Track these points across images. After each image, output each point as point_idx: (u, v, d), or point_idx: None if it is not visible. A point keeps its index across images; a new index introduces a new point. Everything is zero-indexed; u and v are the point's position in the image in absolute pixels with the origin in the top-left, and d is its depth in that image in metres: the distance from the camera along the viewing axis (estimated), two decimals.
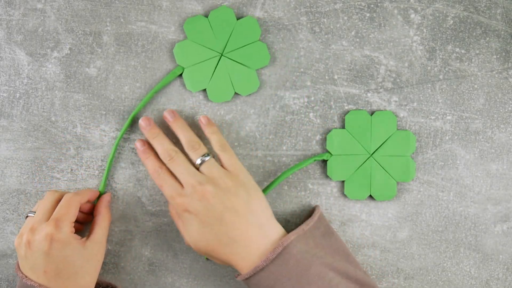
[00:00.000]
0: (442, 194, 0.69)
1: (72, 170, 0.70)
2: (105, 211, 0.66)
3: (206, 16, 0.69)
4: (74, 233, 0.62)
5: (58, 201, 0.63)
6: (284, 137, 0.70)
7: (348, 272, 0.58)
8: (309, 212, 0.68)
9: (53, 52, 0.69)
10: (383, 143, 0.68)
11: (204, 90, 0.69)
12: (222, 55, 0.69)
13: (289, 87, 0.69)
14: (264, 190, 0.68)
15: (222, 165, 0.63)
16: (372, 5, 0.69)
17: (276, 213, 0.69)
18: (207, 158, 0.62)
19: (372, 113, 0.69)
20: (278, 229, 0.60)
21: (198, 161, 0.62)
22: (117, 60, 0.69)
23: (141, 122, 0.66)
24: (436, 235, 0.69)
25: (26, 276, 0.60)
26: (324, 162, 0.69)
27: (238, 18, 0.69)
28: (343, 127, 0.69)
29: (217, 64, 0.69)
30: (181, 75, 0.69)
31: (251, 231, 0.58)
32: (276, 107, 0.69)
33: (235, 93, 0.69)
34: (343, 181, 0.69)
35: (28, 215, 0.63)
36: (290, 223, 0.70)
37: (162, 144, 0.64)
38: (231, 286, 0.70)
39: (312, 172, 0.70)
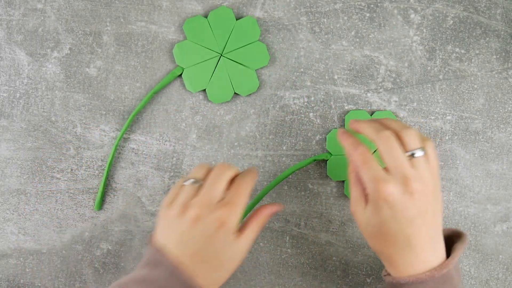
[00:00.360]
0: (442, 194, 0.69)
1: (72, 170, 0.70)
2: (267, 214, 0.58)
3: (206, 16, 0.69)
4: None
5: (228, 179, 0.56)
6: (284, 137, 0.70)
7: None
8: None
9: (53, 52, 0.69)
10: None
11: (204, 90, 0.69)
12: (221, 55, 0.69)
13: (289, 87, 0.69)
14: (264, 190, 0.68)
15: None
16: (372, 5, 0.69)
17: (276, 213, 0.69)
18: (421, 154, 0.54)
19: (372, 113, 0.69)
20: (442, 245, 0.56)
21: (410, 153, 0.54)
22: (117, 60, 0.69)
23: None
24: None
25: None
26: (324, 162, 0.69)
27: (237, 18, 0.69)
28: (343, 127, 0.69)
29: (216, 64, 0.69)
30: (180, 75, 0.69)
31: (429, 242, 0.54)
32: (276, 107, 0.69)
33: (235, 93, 0.69)
34: (343, 181, 0.69)
35: (185, 183, 0.56)
36: (290, 223, 0.70)
37: (367, 123, 0.57)
38: (231, 286, 0.70)
39: (312, 172, 0.70)
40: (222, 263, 0.54)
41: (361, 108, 0.69)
